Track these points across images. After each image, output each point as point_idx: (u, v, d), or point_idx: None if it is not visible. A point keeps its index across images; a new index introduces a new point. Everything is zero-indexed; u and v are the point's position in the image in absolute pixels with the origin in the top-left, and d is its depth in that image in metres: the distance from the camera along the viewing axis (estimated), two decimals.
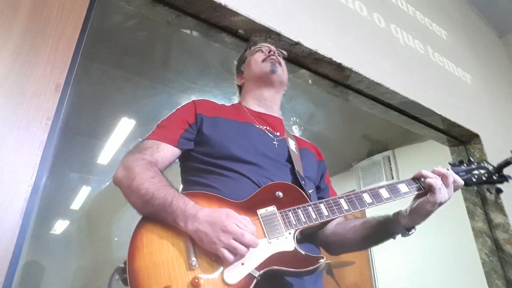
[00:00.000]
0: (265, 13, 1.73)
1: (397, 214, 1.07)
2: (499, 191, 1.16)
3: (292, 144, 1.21)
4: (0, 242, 0.88)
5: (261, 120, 1.23)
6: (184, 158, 1.13)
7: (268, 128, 1.22)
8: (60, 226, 4.42)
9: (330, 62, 1.92)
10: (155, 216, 0.89)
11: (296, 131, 3.55)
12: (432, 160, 3.28)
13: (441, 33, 3.06)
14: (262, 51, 1.33)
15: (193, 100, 1.20)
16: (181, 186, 1.12)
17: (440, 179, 1.03)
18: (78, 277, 3.97)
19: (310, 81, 2.08)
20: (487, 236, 2.41)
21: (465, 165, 1.16)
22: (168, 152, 1.06)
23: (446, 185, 1.03)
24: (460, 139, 2.69)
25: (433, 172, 1.06)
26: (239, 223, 0.83)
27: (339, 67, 1.96)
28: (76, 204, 4.47)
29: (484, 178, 1.15)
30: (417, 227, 1.05)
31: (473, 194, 2.58)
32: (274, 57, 1.29)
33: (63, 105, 1.10)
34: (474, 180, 1.14)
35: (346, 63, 1.96)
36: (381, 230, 1.08)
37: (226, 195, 0.97)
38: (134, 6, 1.58)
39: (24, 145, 0.99)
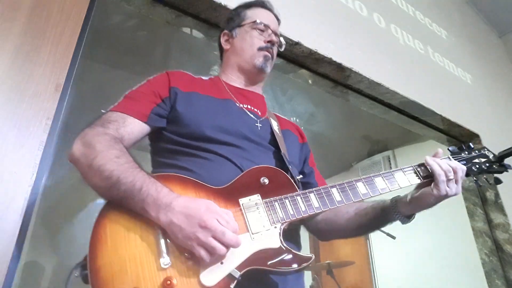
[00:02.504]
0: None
1: (396, 201, 0.98)
2: (498, 182, 1.07)
3: (275, 125, 1.10)
4: (0, 242, 0.88)
5: (241, 97, 1.12)
6: (155, 138, 1.01)
7: (249, 106, 1.10)
8: (60, 226, 4.41)
9: (330, 62, 1.92)
10: (121, 202, 0.77)
11: None
12: None
13: (441, 33, 3.06)
14: (264, 32, 1.17)
15: (166, 71, 1.07)
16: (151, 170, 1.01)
17: (444, 173, 0.93)
18: (78, 277, 3.96)
19: (310, 81, 2.08)
20: (487, 236, 2.41)
21: (466, 152, 1.09)
22: (135, 127, 0.93)
23: (456, 181, 0.94)
24: (460, 139, 2.69)
25: (440, 165, 0.94)
26: (220, 218, 0.73)
27: (339, 67, 1.96)
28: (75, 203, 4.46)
29: (484, 167, 1.07)
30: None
31: (473, 194, 2.58)
32: (271, 50, 1.16)
33: (63, 105, 1.10)
34: (474, 169, 1.06)
35: (346, 63, 1.96)
36: (377, 218, 1.00)
37: (203, 179, 0.86)
38: (134, 6, 1.58)
39: (24, 145, 0.99)
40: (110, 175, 0.77)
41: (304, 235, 1.08)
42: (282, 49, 1.26)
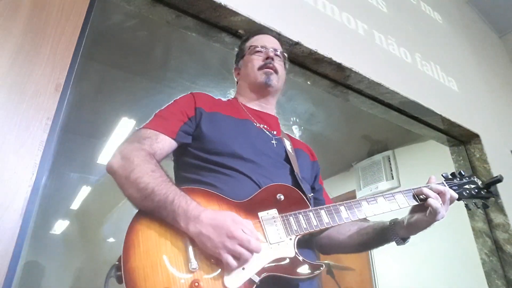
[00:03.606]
0: (265, 13, 1.73)
1: (394, 224, 1.08)
2: (485, 206, 1.22)
3: (288, 144, 1.20)
4: (0, 242, 0.88)
5: (258, 118, 1.22)
6: (180, 153, 1.10)
7: (265, 126, 1.20)
8: (60, 226, 4.41)
9: (330, 62, 1.92)
10: (153, 212, 0.86)
11: (296, 131, 3.55)
12: (432, 160, 3.28)
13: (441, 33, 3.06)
14: (261, 53, 1.27)
15: (191, 93, 1.18)
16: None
17: (439, 198, 1.04)
18: (78, 277, 3.97)
19: (309, 81, 2.08)
20: (487, 236, 2.41)
21: (457, 179, 1.21)
22: (166, 144, 1.03)
23: (444, 202, 1.05)
24: (460, 139, 2.69)
25: (432, 189, 1.06)
26: (244, 228, 0.82)
27: (339, 67, 1.96)
28: (76, 204, 4.47)
29: (473, 193, 1.20)
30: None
31: None
32: (271, 65, 1.24)
33: (63, 105, 1.10)
34: (465, 194, 1.18)
35: (346, 63, 1.96)
36: (377, 238, 1.10)
37: (225, 193, 0.94)
38: (134, 6, 1.58)
39: (24, 145, 0.99)
40: (146, 187, 0.86)
41: None
42: (286, 59, 1.37)
